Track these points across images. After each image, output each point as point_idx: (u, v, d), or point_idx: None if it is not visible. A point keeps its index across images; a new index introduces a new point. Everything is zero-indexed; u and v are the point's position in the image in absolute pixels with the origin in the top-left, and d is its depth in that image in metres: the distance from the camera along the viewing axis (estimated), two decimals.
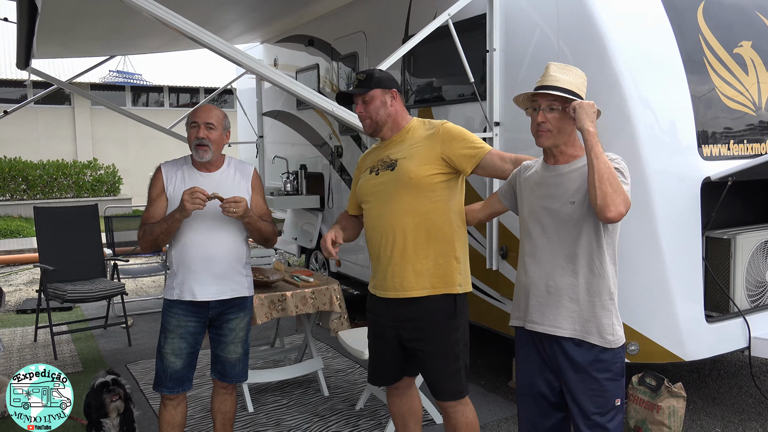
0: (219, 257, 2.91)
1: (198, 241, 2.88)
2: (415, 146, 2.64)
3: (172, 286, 2.92)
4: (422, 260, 2.59)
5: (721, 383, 4.40)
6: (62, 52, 7.08)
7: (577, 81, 2.26)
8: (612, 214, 2.07)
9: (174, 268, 2.93)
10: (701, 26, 3.68)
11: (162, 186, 2.92)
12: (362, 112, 2.68)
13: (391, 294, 2.64)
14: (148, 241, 2.87)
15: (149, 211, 2.92)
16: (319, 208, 6.46)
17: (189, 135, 2.88)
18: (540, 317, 2.33)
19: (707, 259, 3.57)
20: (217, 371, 3.05)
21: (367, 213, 2.72)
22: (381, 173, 2.67)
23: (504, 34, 3.95)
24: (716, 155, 3.56)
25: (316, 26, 6.36)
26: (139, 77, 14.99)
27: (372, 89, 2.64)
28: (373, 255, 2.71)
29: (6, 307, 6.91)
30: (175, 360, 2.91)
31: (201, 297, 2.89)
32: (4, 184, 15.23)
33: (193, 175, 2.93)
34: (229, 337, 3.00)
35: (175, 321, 2.91)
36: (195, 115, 2.89)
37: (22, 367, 3.88)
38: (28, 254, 10.11)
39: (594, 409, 2.23)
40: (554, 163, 2.32)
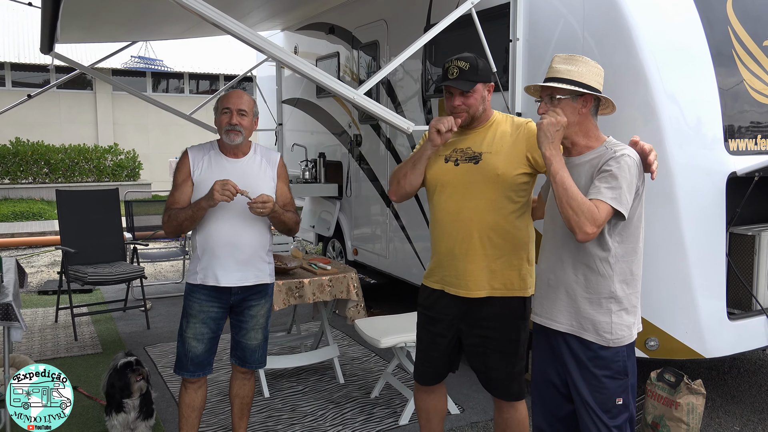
0: (244, 244, 2.90)
1: (224, 228, 2.87)
2: (501, 142, 2.53)
3: (196, 271, 2.91)
4: (498, 260, 2.52)
5: (740, 381, 4.34)
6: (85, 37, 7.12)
7: (583, 69, 2.20)
8: (579, 237, 2.06)
9: (198, 253, 2.92)
10: (730, 18, 3.60)
11: (188, 170, 2.90)
12: (461, 105, 2.53)
13: (462, 292, 2.56)
14: (173, 226, 2.86)
15: (174, 196, 2.90)
16: (337, 197, 6.46)
17: (220, 120, 2.86)
18: (540, 309, 2.34)
19: (731, 256, 3.52)
20: (236, 356, 3.06)
21: (440, 203, 2.60)
22: (461, 164, 2.55)
23: (528, 24, 3.90)
24: (743, 150, 3.50)
25: (337, 14, 6.33)
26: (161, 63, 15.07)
27: (476, 83, 2.51)
28: (443, 249, 2.60)
29: (28, 288, 7.02)
30: (196, 344, 2.91)
31: (225, 282, 2.89)
32: (27, 167, 15.43)
33: (220, 160, 2.91)
34: (250, 323, 3.00)
35: (198, 306, 2.91)
36: (227, 100, 2.87)
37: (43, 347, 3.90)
38: (49, 236, 10.26)
39: (595, 404, 2.22)
40: (568, 155, 2.29)
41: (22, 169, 15.39)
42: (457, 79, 2.50)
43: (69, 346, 5.05)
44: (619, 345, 2.19)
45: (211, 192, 2.71)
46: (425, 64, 4.98)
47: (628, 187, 2.10)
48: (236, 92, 2.93)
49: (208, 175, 2.84)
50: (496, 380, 2.63)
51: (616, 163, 2.12)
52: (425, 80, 5.00)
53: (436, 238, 2.64)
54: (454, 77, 2.51)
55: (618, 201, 2.08)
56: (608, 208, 2.08)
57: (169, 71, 17.08)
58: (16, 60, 16.48)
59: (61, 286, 5.56)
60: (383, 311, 5.57)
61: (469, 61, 2.51)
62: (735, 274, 3.52)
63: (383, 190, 5.63)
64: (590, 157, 2.22)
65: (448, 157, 2.60)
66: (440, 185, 2.60)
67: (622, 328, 2.19)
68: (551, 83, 2.20)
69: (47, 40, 4.90)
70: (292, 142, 7.53)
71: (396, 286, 5.89)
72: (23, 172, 15.43)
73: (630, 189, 2.11)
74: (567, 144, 2.27)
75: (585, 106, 2.22)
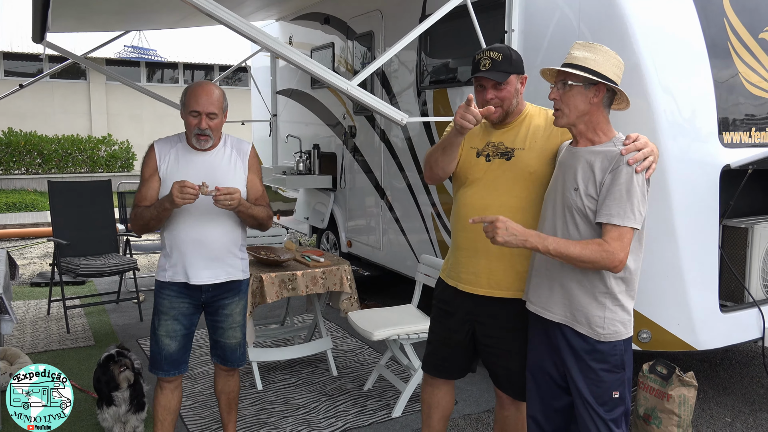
0: (212, 240, 2.79)
1: (190, 225, 2.76)
2: (534, 137, 2.43)
3: (165, 268, 2.82)
4: (524, 261, 2.44)
5: (732, 373, 4.36)
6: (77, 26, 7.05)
7: (600, 58, 2.15)
8: (617, 270, 2.08)
9: (167, 250, 2.82)
10: (726, 10, 3.59)
11: (155, 165, 2.77)
12: (494, 98, 2.40)
13: (482, 291, 2.49)
14: (139, 224, 2.75)
15: (141, 192, 2.77)
16: (332, 188, 6.44)
17: (188, 121, 2.71)
18: (536, 298, 2.32)
19: (723, 248, 3.52)
20: (217, 356, 2.99)
21: (466, 197, 2.52)
22: (493, 160, 2.46)
23: (523, 15, 3.88)
24: (737, 142, 3.50)
25: (333, 4, 6.29)
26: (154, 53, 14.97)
27: (510, 75, 2.39)
28: (467, 245, 2.51)
29: (20, 280, 6.99)
30: (169, 342, 2.82)
31: (195, 281, 2.79)
32: (20, 158, 15.33)
33: (187, 154, 2.78)
34: (227, 322, 2.91)
35: (168, 302, 2.81)
36: (195, 101, 2.68)
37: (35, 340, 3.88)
38: (42, 228, 10.20)
39: (591, 398, 2.20)
40: (575, 145, 2.26)
41: (15, 160, 15.29)
42: (489, 70, 2.37)
43: (61, 338, 5.03)
44: (613, 340, 2.17)
45: (170, 196, 2.58)
46: (420, 55, 4.95)
47: (641, 199, 2.09)
48: (205, 89, 2.71)
49: (176, 170, 2.73)
50: (511, 379, 2.57)
51: (631, 175, 2.07)
52: (420, 71, 4.98)
53: (458, 231, 2.56)
54: (486, 68, 2.37)
55: (636, 220, 2.07)
56: (628, 230, 2.07)
57: (163, 61, 16.98)
58: (8, 49, 16.34)
59: (54, 278, 5.53)
60: (377, 303, 5.57)
61: (502, 52, 2.38)
62: (728, 267, 3.53)
63: (377, 181, 5.61)
64: (597, 149, 2.17)
65: (480, 151, 2.51)
66: (469, 179, 2.51)
67: (615, 323, 2.17)
68: (566, 69, 2.16)
69: (39, 29, 4.84)
70: (286, 134, 7.50)
71: (390, 278, 5.88)
72: (16, 163, 15.34)
73: (643, 200, 2.10)
74: (575, 133, 2.23)
75: (596, 96, 2.16)
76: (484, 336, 2.55)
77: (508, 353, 2.52)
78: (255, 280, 3.78)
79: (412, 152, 5.05)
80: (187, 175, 2.67)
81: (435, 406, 2.76)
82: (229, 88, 18.80)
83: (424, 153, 4.87)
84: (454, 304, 2.60)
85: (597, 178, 2.13)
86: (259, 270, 3.87)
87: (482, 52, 2.42)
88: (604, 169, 2.12)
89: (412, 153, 5.05)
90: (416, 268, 4.15)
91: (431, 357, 2.73)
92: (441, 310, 2.67)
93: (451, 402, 2.79)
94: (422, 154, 4.92)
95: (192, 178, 2.62)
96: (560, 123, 2.23)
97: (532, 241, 2.10)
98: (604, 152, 2.15)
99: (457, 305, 2.58)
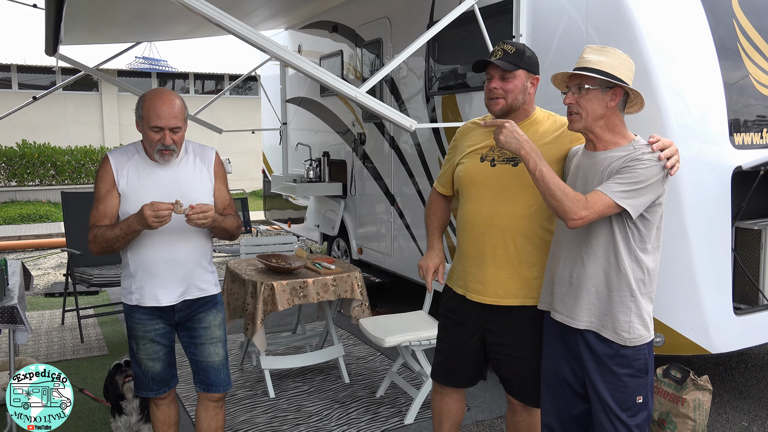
0: (184, 258, 2.61)
1: (159, 244, 2.56)
2: (542, 142, 2.38)
3: (131, 290, 2.61)
4: (531, 268, 2.43)
5: (748, 377, 4.32)
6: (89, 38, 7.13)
7: (615, 62, 2.15)
8: (569, 224, 2.08)
9: (131, 271, 2.60)
10: (736, 11, 3.57)
11: (112, 179, 2.52)
12: (497, 88, 2.37)
13: (491, 300, 2.46)
14: (101, 246, 2.50)
15: (99, 210, 2.52)
16: (342, 196, 6.46)
17: (148, 136, 2.48)
18: (561, 307, 2.29)
19: (737, 250, 3.49)
20: (200, 381, 2.75)
21: (472, 204, 2.48)
22: (498, 165, 2.42)
23: (531, 20, 3.88)
24: (748, 144, 3.48)
25: (341, 12, 6.32)
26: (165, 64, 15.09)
27: (519, 68, 2.36)
28: (474, 253, 2.48)
29: (35, 291, 7.05)
30: (153, 364, 2.67)
31: (166, 301, 2.61)
32: (34, 169, 15.49)
33: (147, 168, 2.55)
34: (205, 335, 2.70)
35: (142, 326, 2.63)
36: (156, 116, 2.44)
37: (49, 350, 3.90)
38: (56, 239, 10.30)
39: (614, 403, 2.18)
40: (592, 149, 2.24)
41: (29, 171, 15.45)
42: (498, 59, 2.36)
43: (75, 348, 5.07)
44: (637, 344, 2.16)
45: (143, 220, 2.38)
46: (428, 61, 4.97)
47: (646, 189, 2.06)
48: (165, 100, 2.47)
49: (137, 186, 2.51)
50: (523, 386, 2.55)
51: (637, 163, 2.07)
52: (428, 77, 4.99)
53: (463, 240, 2.52)
54: (496, 58, 2.37)
55: (624, 198, 2.05)
56: (608, 200, 2.05)
57: (173, 71, 17.11)
58: (22, 62, 16.54)
59: (68, 288, 5.58)
60: (388, 310, 5.57)
61: (516, 46, 2.38)
62: (741, 269, 3.50)
63: (387, 188, 5.62)
64: (615, 154, 2.15)
65: (484, 156, 2.46)
66: (474, 185, 2.47)
67: (638, 327, 2.16)
68: (582, 72, 2.14)
69: (52, 42, 4.91)
70: (296, 141, 7.54)
71: (401, 284, 5.88)
72: (30, 174, 15.50)
73: (646, 191, 2.06)
74: (591, 137, 2.21)
75: (613, 99, 2.16)
76: (495, 344, 2.53)
77: (519, 360, 2.51)
78: (266, 288, 3.79)
79: (422, 158, 5.06)
80: (151, 192, 2.49)
81: (446, 414, 2.74)
82: (239, 97, 18.92)
83: (433, 159, 4.88)
84: (463, 312, 2.57)
85: None
86: (270, 278, 3.89)
87: (498, 44, 2.42)
88: (620, 166, 2.11)
89: (422, 159, 5.06)
90: None
91: (441, 366, 2.70)
92: (449, 319, 2.64)
93: (461, 410, 2.77)
94: (432, 160, 4.92)
95: (157, 195, 2.46)
96: (576, 127, 2.20)
97: (527, 153, 2.15)
98: (625, 156, 2.13)
99: (466, 314, 2.56)
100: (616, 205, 2.06)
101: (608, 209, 2.07)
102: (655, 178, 2.08)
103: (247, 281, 3.91)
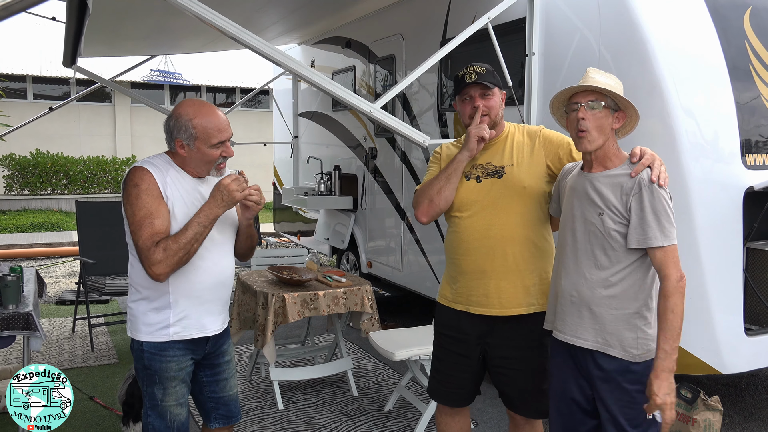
0: (228, 277, 2.42)
1: (209, 264, 2.33)
2: (520, 153, 2.49)
3: (167, 324, 2.28)
4: (530, 275, 2.47)
5: (758, 398, 4.28)
6: (107, 51, 7.25)
7: (616, 85, 2.20)
8: (682, 284, 2.13)
9: (170, 300, 2.28)
10: (747, 32, 3.60)
11: (159, 191, 2.25)
12: (483, 106, 2.47)
13: (496, 311, 2.48)
14: (174, 258, 2.17)
15: (155, 225, 2.19)
16: (352, 209, 6.49)
17: (208, 154, 2.29)
18: (563, 326, 2.29)
19: (748, 271, 3.48)
20: (221, 417, 2.53)
21: (467, 223, 2.50)
22: (484, 180, 2.49)
23: (544, 38, 3.92)
24: (760, 164, 3.48)
25: (354, 28, 6.39)
26: (179, 76, 15.25)
27: (495, 86, 2.49)
28: (473, 268, 2.50)
29: (46, 298, 7.10)
30: (180, 411, 2.36)
31: (213, 330, 2.39)
32: (47, 178, 15.65)
33: (184, 181, 2.33)
34: (228, 370, 2.53)
35: (176, 365, 2.31)
36: (218, 131, 2.27)
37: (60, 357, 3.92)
38: (67, 247, 10.38)
39: (624, 420, 2.18)
40: (588, 170, 2.26)
41: (42, 180, 15.61)
42: (477, 81, 2.45)
43: (86, 356, 5.10)
44: (646, 360, 2.16)
45: (226, 195, 2.22)
46: (441, 77, 5.01)
47: (670, 212, 2.11)
48: (214, 112, 2.30)
49: (178, 199, 2.28)
50: (525, 399, 2.56)
51: (653, 196, 2.09)
52: (441, 94, 5.03)
53: (460, 256, 2.53)
54: (472, 80, 2.45)
55: (674, 234, 2.11)
56: (675, 246, 2.11)
57: (187, 84, 17.28)
58: (38, 73, 16.77)
59: (79, 296, 5.62)
60: (397, 324, 5.57)
61: (485, 67, 2.49)
62: (752, 290, 3.49)
63: (398, 203, 5.65)
64: (614, 173, 2.19)
65: (468, 174, 2.53)
66: (465, 204, 2.51)
67: (647, 342, 2.17)
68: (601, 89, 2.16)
69: (70, 54, 5.00)
70: (307, 155, 7.59)
71: (410, 299, 5.88)
72: (42, 183, 15.65)
73: (672, 212, 2.12)
74: (592, 158, 2.22)
75: (618, 121, 2.21)
76: (498, 357, 2.54)
77: (520, 372, 2.52)
78: (277, 300, 3.81)
79: None
80: (189, 208, 2.29)
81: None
82: (250, 110, 19.05)
83: None
84: (463, 329, 2.57)
85: (623, 202, 2.14)
86: (281, 290, 3.91)
87: (465, 68, 2.51)
88: (627, 193, 2.13)
89: None
90: (437, 290, 4.15)
91: (441, 385, 2.67)
92: (449, 337, 2.62)
93: (468, 426, 2.76)
94: None
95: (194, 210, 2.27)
96: (589, 147, 2.18)
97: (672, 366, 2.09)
98: (623, 175, 2.16)
99: (468, 329, 2.56)
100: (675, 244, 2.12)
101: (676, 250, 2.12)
102: (667, 201, 2.12)
103: (258, 292, 3.93)
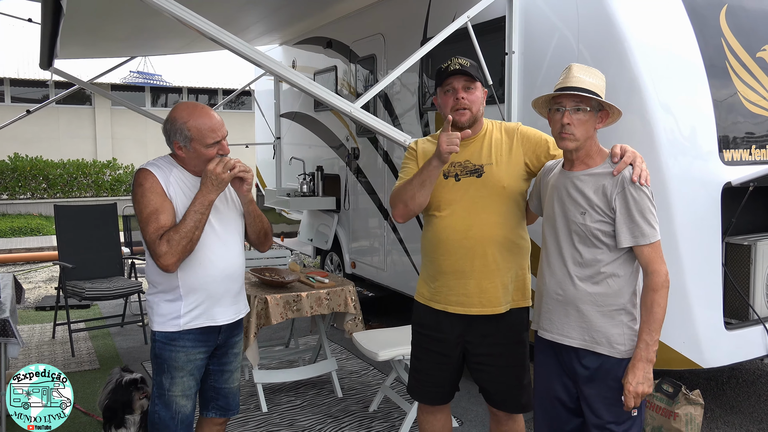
0: (238, 271, 2.50)
1: (217, 256, 2.41)
2: (498, 151, 2.47)
3: (178, 315, 2.37)
4: (508, 273, 2.48)
5: (739, 391, 4.33)
6: (85, 52, 7.16)
7: (599, 83, 2.21)
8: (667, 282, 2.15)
9: (180, 293, 2.37)
10: (724, 30, 3.64)
11: (162, 190, 2.34)
12: (464, 98, 2.41)
13: (476, 310, 2.47)
14: (178, 248, 2.25)
15: (161, 221, 2.28)
16: (335, 210, 6.47)
17: (205, 154, 2.36)
18: (549, 325, 2.30)
19: (727, 266, 3.52)
20: (218, 407, 2.59)
21: (446, 222, 2.47)
22: (462, 179, 2.46)
23: (523, 37, 3.93)
24: (737, 160, 3.52)
25: (335, 28, 6.38)
26: (159, 78, 15.14)
27: (478, 80, 2.45)
28: (453, 269, 2.47)
29: (25, 304, 7.00)
30: (186, 403, 2.43)
31: (222, 320, 2.46)
32: (26, 182, 15.45)
33: (187, 180, 2.42)
34: (234, 363, 2.60)
35: (184, 356, 2.40)
36: (212, 131, 2.36)
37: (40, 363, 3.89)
38: (47, 252, 10.25)
39: (609, 417, 2.19)
40: (570, 168, 2.27)
41: (21, 185, 15.41)
42: (461, 70, 2.40)
43: (66, 362, 5.03)
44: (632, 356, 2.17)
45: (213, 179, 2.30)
46: (422, 77, 5.01)
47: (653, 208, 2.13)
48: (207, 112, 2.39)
49: (182, 198, 2.37)
50: (505, 394, 2.57)
51: (637, 194, 2.11)
52: (422, 93, 5.03)
53: (440, 256, 2.50)
54: (456, 68, 2.40)
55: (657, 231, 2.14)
56: (659, 242, 2.14)
57: (167, 86, 17.15)
58: (15, 76, 16.56)
59: (59, 301, 5.55)
60: (381, 324, 5.57)
61: (471, 62, 2.45)
62: (731, 284, 3.53)
63: (381, 203, 5.64)
64: (596, 171, 2.19)
65: (446, 172, 2.48)
66: (443, 203, 2.47)
67: (633, 338, 2.18)
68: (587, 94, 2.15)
69: (47, 56, 4.93)
70: (290, 156, 7.56)
71: (394, 299, 5.88)
72: (21, 188, 15.45)
73: (654, 209, 2.14)
74: (574, 157, 2.23)
75: (602, 121, 2.21)
76: (478, 355, 2.55)
77: (502, 369, 2.54)
78: (260, 302, 3.79)
79: None
80: None
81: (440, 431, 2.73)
82: (233, 112, 18.95)
83: None
84: (442, 328, 2.56)
85: (606, 200, 2.15)
86: (264, 291, 3.89)
87: (449, 60, 2.46)
88: (610, 191, 2.14)
89: None
90: None
91: (421, 384, 2.67)
92: (428, 336, 2.61)
93: (449, 424, 2.77)
94: None
95: None
96: (570, 146, 2.18)
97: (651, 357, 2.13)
98: (605, 173, 2.17)
99: (447, 329, 2.55)
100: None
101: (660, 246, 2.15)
102: (649, 196, 2.13)
103: None
